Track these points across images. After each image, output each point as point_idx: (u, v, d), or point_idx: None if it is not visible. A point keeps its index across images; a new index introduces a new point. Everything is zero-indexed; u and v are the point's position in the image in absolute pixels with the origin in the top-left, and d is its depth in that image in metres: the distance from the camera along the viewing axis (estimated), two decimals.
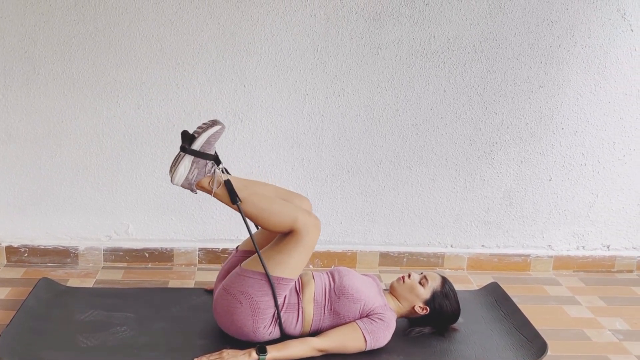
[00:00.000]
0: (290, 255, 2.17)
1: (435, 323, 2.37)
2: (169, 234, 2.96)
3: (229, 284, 2.22)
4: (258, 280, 2.17)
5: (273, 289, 2.17)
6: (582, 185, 3.04)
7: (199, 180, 2.17)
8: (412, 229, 3.04)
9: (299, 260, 2.19)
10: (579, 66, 2.88)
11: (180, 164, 2.15)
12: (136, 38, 2.71)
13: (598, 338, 2.47)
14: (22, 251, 2.90)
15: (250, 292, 2.17)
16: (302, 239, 2.17)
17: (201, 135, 2.13)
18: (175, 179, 2.16)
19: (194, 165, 2.15)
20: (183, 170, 2.15)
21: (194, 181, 2.16)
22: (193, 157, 2.14)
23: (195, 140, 2.13)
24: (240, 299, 2.18)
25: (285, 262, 2.17)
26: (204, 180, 2.17)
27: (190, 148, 2.13)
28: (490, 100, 2.89)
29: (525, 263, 3.10)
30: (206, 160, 2.15)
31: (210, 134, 2.13)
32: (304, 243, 2.18)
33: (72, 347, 2.20)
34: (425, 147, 2.93)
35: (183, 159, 2.15)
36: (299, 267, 2.20)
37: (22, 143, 2.80)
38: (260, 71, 2.78)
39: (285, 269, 2.17)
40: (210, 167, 2.17)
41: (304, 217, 2.18)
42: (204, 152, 2.14)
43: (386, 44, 2.79)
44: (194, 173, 2.15)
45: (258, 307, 2.17)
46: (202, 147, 2.14)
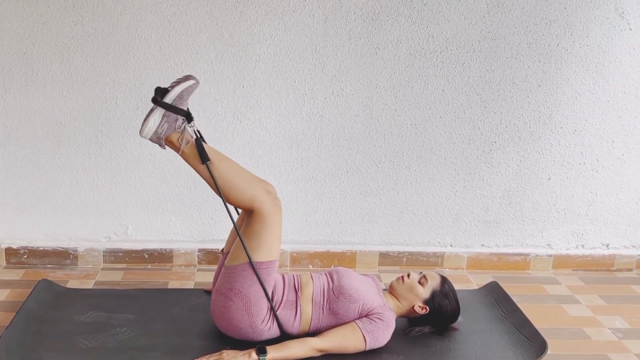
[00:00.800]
0: (259, 238, 2.16)
1: (435, 322, 2.37)
2: (169, 235, 2.96)
3: (219, 285, 2.23)
4: (241, 273, 2.17)
5: (257, 275, 2.15)
6: (581, 184, 3.04)
7: (168, 135, 2.13)
8: (412, 228, 3.04)
9: (269, 240, 2.17)
10: (577, 65, 2.88)
11: (150, 117, 2.11)
12: (135, 39, 2.71)
13: (598, 337, 2.47)
14: (21, 253, 2.90)
15: (237, 286, 2.17)
16: (265, 220, 2.16)
17: (174, 89, 2.10)
18: (144, 131, 2.12)
19: (165, 119, 2.11)
20: (152, 124, 2.11)
21: (162, 135, 2.12)
22: (164, 111, 2.11)
23: (168, 94, 2.11)
24: (230, 297, 2.18)
25: (257, 246, 2.16)
26: (173, 136, 2.13)
27: (161, 101, 2.10)
28: (489, 99, 2.89)
29: (525, 262, 3.10)
30: (177, 115, 2.12)
31: (182, 88, 2.10)
32: (269, 223, 2.16)
33: (72, 348, 2.20)
34: (424, 147, 2.93)
35: (154, 112, 2.11)
36: (273, 247, 2.18)
37: (21, 144, 2.80)
38: (259, 72, 2.78)
39: (261, 253, 2.16)
40: (181, 123, 2.13)
41: (264, 196, 2.16)
42: (176, 106, 2.11)
43: (385, 43, 2.79)
44: (163, 127, 2.12)
45: (249, 299, 2.16)
46: (174, 101, 2.10)
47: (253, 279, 2.16)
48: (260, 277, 2.16)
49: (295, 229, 2.99)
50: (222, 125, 2.83)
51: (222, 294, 2.20)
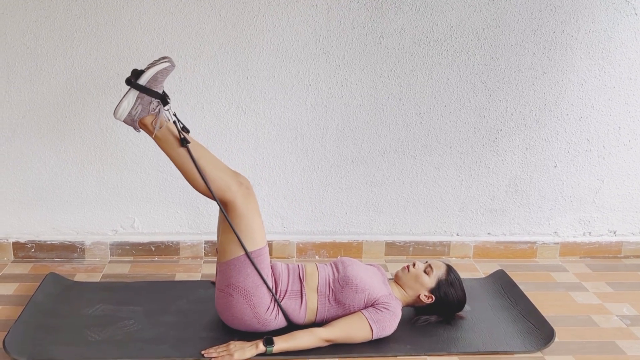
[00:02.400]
0: (240, 229, 2.14)
1: (441, 311, 2.37)
2: (175, 227, 2.97)
3: (217, 283, 2.25)
4: (234, 266, 2.17)
5: (253, 263, 2.15)
6: (587, 171, 3.03)
7: (142, 118, 2.11)
8: (418, 218, 3.04)
9: (251, 229, 2.15)
10: (583, 51, 2.86)
11: (124, 99, 2.09)
12: (138, 32, 2.71)
13: (605, 324, 2.47)
14: (28, 247, 2.91)
15: (232, 281, 2.17)
16: (239, 211, 2.14)
17: (148, 71, 2.08)
18: (118, 113, 2.10)
19: (139, 101, 2.09)
20: (127, 105, 2.09)
21: (136, 118, 2.11)
22: (138, 93, 2.09)
23: (142, 75, 2.09)
24: (229, 292, 2.18)
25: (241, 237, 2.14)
26: (147, 119, 2.11)
27: (135, 82, 2.08)
28: (494, 87, 2.88)
29: (532, 250, 3.10)
30: (152, 98, 2.10)
31: (157, 70, 2.08)
32: (244, 213, 2.14)
33: (80, 341, 2.21)
34: (429, 136, 2.92)
35: (128, 94, 2.10)
36: (256, 234, 2.16)
37: (27, 139, 2.80)
38: (263, 62, 2.78)
39: (246, 243, 2.15)
40: (156, 106, 2.10)
41: (236, 187, 2.14)
42: (150, 88, 2.09)
43: (389, 32, 2.78)
44: (137, 109, 2.10)
45: (247, 291, 2.17)
46: (148, 83, 2.08)
47: (247, 270, 2.16)
48: (256, 267, 2.16)
49: (301, 219, 2.99)
50: (226, 117, 2.83)
51: (221, 291, 2.21)
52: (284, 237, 3.00)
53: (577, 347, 2.28)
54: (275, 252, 2.98)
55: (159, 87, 2.11)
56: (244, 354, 2.12)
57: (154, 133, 2.12)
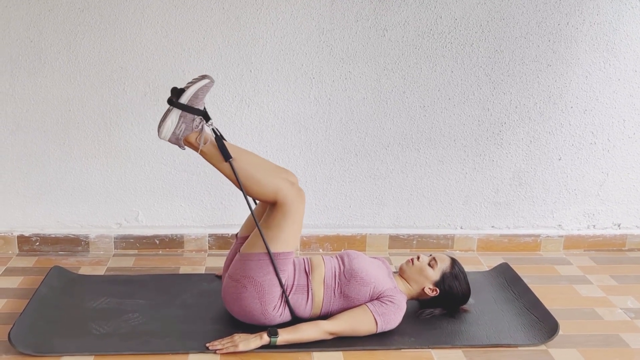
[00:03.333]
0: (280, 228, 2.16)
1: (445, 304, 2.37)
2: (179, 221, 2.97)
3: (232, 271, 2.23)
4: (257, 261, 2.17)
5: (274, 265, 2.16)
6: (592, 164, 3.02)
7: (186, 136, 2.13)
8: (422, 211, 3.04)
9: (290, 232, 2.17)
10: (587, 43, 2.85)
11: (167, 118, 2.11)
12: (141, 25, 2.71)
13: (610, 317, 2.47)
14: (33, 240, 2.92)
15: (251, 274, 2.17)
16: (287, 211, 2.16)
17: (189, 89, 2.10)
18: (162, 133, 2.12)
19: (182, 120, 2.11)
20: (170, 125, 2.11)
21: (181, 136, 2.12)
22: (181, 112, 2.11)
23: (183, 94, 2.10)
24: (244, 283, 2.18)
25: (277, 236, 2.16)
26: (191, 136, 2.13)
27: (177, 101, 2.10)
28: (498, 80, 2.87)
29: (536, 243, 3.09)
30: (194, 115, 2.12)
31: (198, 88, 2.10)
32: (290, 214, 2.16)
33: (85, 334, 2.22)
34: (433, 129, 2.92)
35: (170, 113, 2.11)
36: (292, 238, 2.19)
37: (31, 132, 2.80)
38: (266, 55, 2.77)
39: (279, 243, 2.17)
40: (199, 123, 2.13)
41: (288, 187, 2.16)
42: (192, 106, 2.11)
43: (392, 25, 2.77)
44: (181, 128, 2.12)
45: (263, 287, 2.17)
46: (189, 101, 2.10)
47: (268, 268, 2.17)
48: (276, 268, 2.17)
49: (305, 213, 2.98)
50: (230, 110, 2.82)
51: (236, 280, 2.20)
52: None
53: (581, 340, 2.28)
54: None
55: (200, 104, 2.13)
56: (249, 345, 2.12)
57: (199, 149, 2.15)
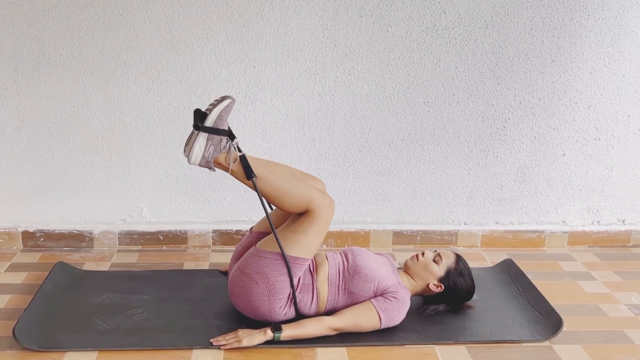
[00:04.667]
0: (305, 235, 2.18)
1: (449, 300, 2.37)
2: (183, 216, 2.97)
3: (244, 264, 2.23)
4: (274, 260, 2.17)
5: (289, 269, 2.17)
6: (596, 159, 3.01)
7: (215, 157, 2.15)
8: (425, 207, 3.03)
9: (314, 240, 2.19)
10: (592, 39, 2.84)
11: (195, 143, 2.13)
12: (145, 21, 2.71)
13: (614, 313, 2.46)
14: (37, 236, 2.92)
15: (266, 272, 2.18)
16: (316, 219, 2.17)
17: (212, 112, 2.11)
18: (192, 158, 2.14)
19: (209, 143, 2.13)
20: (199, 149, 2.13)
21: (210, 159, 2.14)
22: (207, 135, 2.12)
23: (208, 117, 2.11)
24: (256, 279, 2.18)
25: (300, 242, 2.17)
26: (220, 157, 2.15)
27: (203, 125, 2.11)
28: (502, 75, 2.86)
29: (540, 239, 3.09)
30: (221, 136, 2.13)
31: (221, 109, 2.11)
32: (319, 223, 2.18)
33: (89, 329, 2.22)
34: (437, 125, 2.91)
35: (197, 138, 2.13)
36: (314, 246, 2.20)
37: (35, 128, 2.81)
38: (270, 51, 2.77)
39: (300, 249, 2.18)
40: (226, 143, 2.14)
41: (319, 197, 2.18)
42: (217, 127, 2.13)
43: (396, 21, 2.77)
44: (209, 150, 2.13)
45: (274, 287, 2.18)
46: (214, 123, 2.11)
47: (283, 269, 2.18)
48: (291, 272, 2.17)
49: None
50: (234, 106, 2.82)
51: (247, 275, 2.20)
52: None
53: (585, 337, 2.28)
54: None
55: (225, 125, 2.14)
56: (253, 340, 2.13)
57: (229, 169, 2.16)
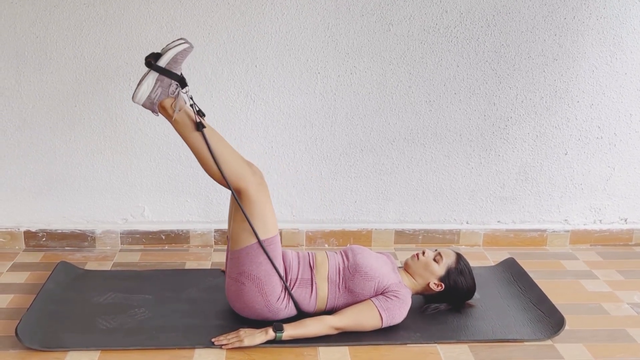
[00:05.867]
0: (253, 218, 2.14)
1: (450, 299, 2.37)
2: (185, 216, 2.98)
3: (229, 271, 2.25)
4: (247, 255, 2.17)
5: (266, 252, 2.15)
6: (598, 158, 3.01)
7: (161, 101, 2.10)
8: (427, 206, 3.03)
9: (264, 217, 2.16)
10: (594, 37, 2.83)
11: (144, 82, 2.08)
12: (146, 20, 2.71)
13: (616, 312, 2.46)
14: (39, 236, 2.93)
15: (245, 269, 2.17)
16: (252, 200, 2.14)
17: (167, 53, 2.07)
18: (137, 96, 2.09)
19: (158, 84, 2.08)
20: (146, 88, 2.08)
21: (156, 101, 2.09)
22: (158, 75, 2.08)
23: (161, 57, 2.08)
24: (241, 280, 2.19)
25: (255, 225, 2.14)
26: (166, 102, 2.10)
27: (155, 64, 2.06)
28: (504, 74, 2.86)
29: (542, 238, 3.08)
30: (171, 80, 2.09)
31: (177, 52, 2.07)
32: (257, 202, 2.14)
33: (91, 329, 2.22)
34: (439, 124, 2.91)
35: (147, 76, 2.08)
36: (268, 223, 2.17)
37: (37, 128, 2.81)
38: (271, 51, 2.77)
39: (259, 231, 2.15)
40: (175, 88, 2.10)
41: (249, 176, 2.14)
42: (170, 70, 2.08)
43: (398, 20, 2.77)
44: (157, 92, 2.09)
45: (259, 279, 2.17)
46: (167, 65, 2.07)
47: (260, 259, 2.17)
48: (268, 255, 2.16)
49: (310, 208, 2.99)
50: (235, 105, 2.82)
51: (233, 279, 2.21)
52: (293, 226, 3.01)
53: (587, 335, 2.27)
54: (284, 240, 2.99)
55: (178, 69, 2.09)
56: (254, 340, 2.13)
57: (173, 117, 2.11)
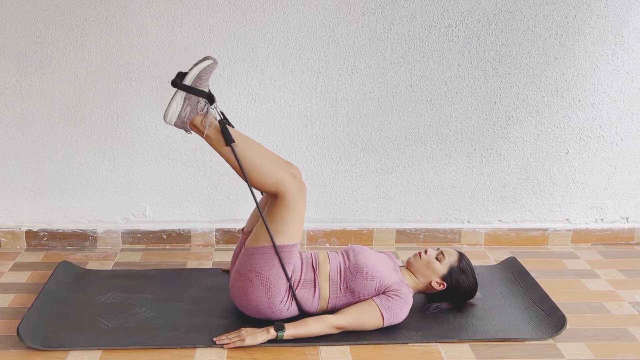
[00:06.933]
0: (283, 222, 2.16)
1: (452, 298, 2.37)
2: (186, 215, 2.98)
3: (238, 266, 2.24)
4: (262, 255, 2.17)
5: (280, 259, 2.16)
6: (599, 157, 3.00)
7: (192, 119, 2.11)
8: (428, 205, 3.03)
9: (292, 224, 2.17)
10: (595, 36, 2.83)
11: (172, 101, 2.09)
12: (147, 20, 2.71)
13: (617, 311, 2.46)
14: (41, 235, 2.93)
15: (257, 268, 2.18)
16: (289, 204, 2.15)
17: (192, 70, 2.08)
18: (168, 117, 2.11)
19: (187, 102, 2.09)
20: (175, 108, 2.09)
21: (186, 119, 2.11)
22: (185, 94, 2.09)
23: (187, 76, 2.09)
24: (250, 278, 2.19)
25: (280, 229, 2.16)
26: (196, 119, 2.12)
27: (181, 83, 2.08)
28: (505, 73, 2.86)
29: (543, 237, 3.08)
30: (199, 98, 2.11)
31: (201, 69, 2.08)
32: (292, 207, 2.16)
33: (93, 328, 2.23)
34: (440, 123, 2.91)
35: (175, 96, 2.10)
36: (295, 231, 2.18)
37: (38, 128, 2.81)
38: (273, 50, 2.77)
39: (282, 236, 2.16)
40: (203, 105, 2.11)
41: (289, 180, 2.16)
42: (196, 87, 2.09)
43: (399, 18, 2.76)
44: (186, 110, 2.10)
45: (269, 280, 2.17)
46: (193, 82, 2.09)
47: (274, 261, 2.17)
48: (282, 260, 2.17)
49: (311, 207, 2.99)
50: (236, 105, 2.82)
51: (242, 275, 2.21)
52: None
53: (588, 334, 2.27)
54: None
55: (205, 86, 2.11)
56: (255, 339, 2.13)
57: (204, 133, 2.13)
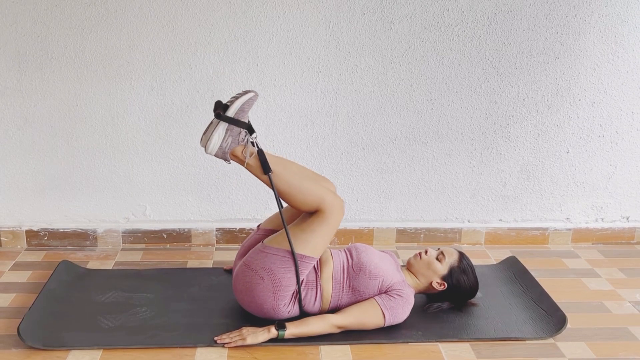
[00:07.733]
0: (314, 234, 2.18)
1: (453, 298, 2.37)
2: (186, 215, 2.98)
3: (250, 260, 2.23)
4: (281, 257, 2.18)
5: (296, 266, 2.17)
6: (600, 156, 3.00)
7: (232, 149, 2.15)
8: (429, 204, 3.03)
9: (322, 239, 2.20)
10: (595, 36, 2.83)
11: (214, 133, 2.13)
12: (148, 19, 2.71)
13: (618, 310, 2.46)
14: (41, 235, 2.93)
15: (272, 268, 2.18)
16: (327, 219, 2.19)
17: (235, 103, 2.12)
18: (210, 147, 2.14)
19: (228, 133, 2.13)
20: (217, 139, 2.13)
21: (227, 150, 2.15)
22: (227, 125, 2.13)
23: (230, 108, 2.12)
24: (262, 275, 2.19)
25: (309, 240, 2.18)
26: (237, 149, 2.16)
27: (225, 115, 2.12)
28: (505, 72, 2.86)
29: (544, 236, 3.08)
30: (240, 129, 2.14)
31: (244, 101, 2.12)
32: (329, 223, 2.19)
33: (94, 328, 2.23)
34: (440, 122, 2.91)
35: (217, 127, 2.13)
36: (321, 246, 2.21)
37: (38, 127, 2.81)
38: (273, 49, 2.77)
39: (308, 247, 2.18)
40: (244, 136, 2.15)
41: (331, 197, 2.19)
42: (239, 119, 2.13)
43: (399, 18, 2.76)
44: (227, 141, 2.14)
45: (280, 283, 2.18)
46: (236, 114, 2.12)
47: (289, 267, 2.18)
48: (298, 269, 2.18)
49: None
50: None
51: (253, 270, 2.20)
52: None
53: (589, 334, 2.27)
54: None
55: (245, 117, 2.15)
56: (257, 338, 2.13)
57: (245, 162, 2.16)
